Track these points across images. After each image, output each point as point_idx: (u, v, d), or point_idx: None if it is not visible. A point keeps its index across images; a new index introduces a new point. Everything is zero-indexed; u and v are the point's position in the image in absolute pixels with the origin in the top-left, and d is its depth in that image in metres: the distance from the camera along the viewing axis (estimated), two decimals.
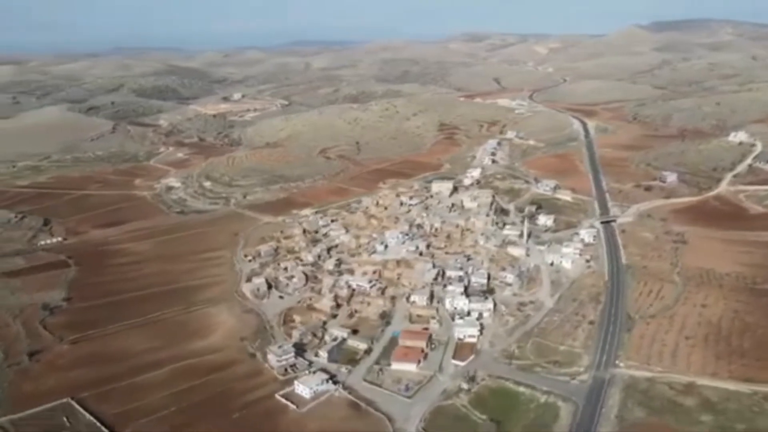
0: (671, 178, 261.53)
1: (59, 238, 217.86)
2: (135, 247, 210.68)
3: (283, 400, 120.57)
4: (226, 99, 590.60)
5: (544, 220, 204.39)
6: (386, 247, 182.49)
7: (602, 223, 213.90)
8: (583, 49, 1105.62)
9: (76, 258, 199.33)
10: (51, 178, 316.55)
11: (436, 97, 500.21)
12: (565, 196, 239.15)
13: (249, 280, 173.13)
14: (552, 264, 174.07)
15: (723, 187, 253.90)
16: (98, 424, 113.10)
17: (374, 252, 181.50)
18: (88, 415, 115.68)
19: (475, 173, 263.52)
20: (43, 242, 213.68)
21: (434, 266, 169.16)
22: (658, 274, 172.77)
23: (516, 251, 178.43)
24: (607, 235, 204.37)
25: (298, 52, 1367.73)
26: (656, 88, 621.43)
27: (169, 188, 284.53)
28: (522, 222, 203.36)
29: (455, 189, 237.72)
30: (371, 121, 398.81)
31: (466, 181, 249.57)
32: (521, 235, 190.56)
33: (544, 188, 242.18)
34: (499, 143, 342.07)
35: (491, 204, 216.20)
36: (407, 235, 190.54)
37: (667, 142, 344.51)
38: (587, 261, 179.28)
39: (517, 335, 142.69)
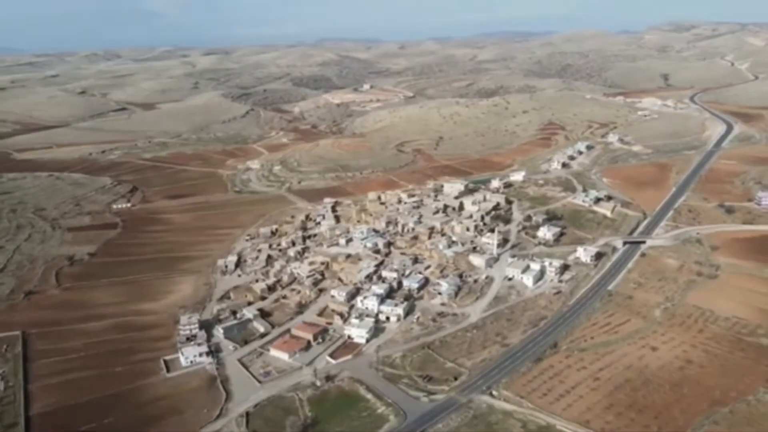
0: None
1: (129, 204, 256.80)
2: (176, 218, 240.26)
3: (162, 364, 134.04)
4: (355, 89, 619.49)
5: (544, 232, 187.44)
6: (348, 241, 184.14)
7: (626, 243, 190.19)
8: None
9: (126, 222, 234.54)
10: (170, 153, 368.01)
11: (558, 94, 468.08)
12: (605, 209, 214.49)
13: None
14: (511, 279, 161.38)
15: None
16: (20, 355, 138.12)
17: (335, 244, 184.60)
18: (19, 347, 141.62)
19: (518, 176, 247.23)
20: (115, 206, 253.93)
21: (379, 265, 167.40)
22: (637, 306, 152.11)
23: (477, 260, 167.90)
24: (621, 256, 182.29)
25: (475, 43, 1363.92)
26: None
27: (247, 169, 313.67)
28: (520, 231, 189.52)
29: (470, 191, 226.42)
30: (469, 117, 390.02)
31: (494, 184, 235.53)
32: (500, 244, 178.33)
33: (583, 199, 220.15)
34: (588, 146, 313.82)
35: (491, 209, 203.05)
36: (375, 231, 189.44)
37: None
38: (560, 281, 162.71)
39: (413, 344, 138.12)
